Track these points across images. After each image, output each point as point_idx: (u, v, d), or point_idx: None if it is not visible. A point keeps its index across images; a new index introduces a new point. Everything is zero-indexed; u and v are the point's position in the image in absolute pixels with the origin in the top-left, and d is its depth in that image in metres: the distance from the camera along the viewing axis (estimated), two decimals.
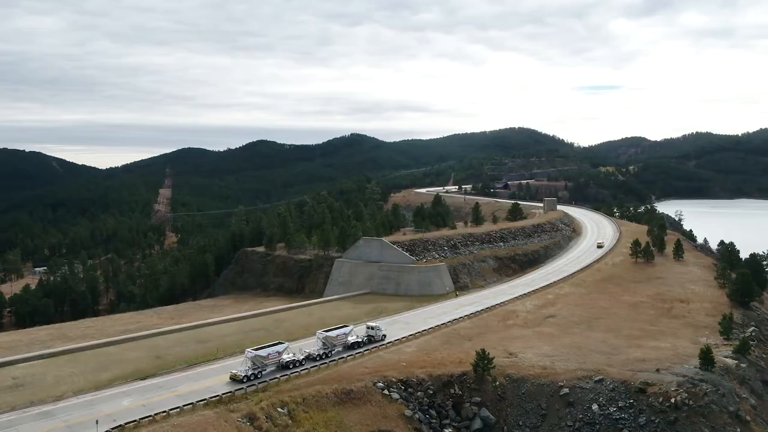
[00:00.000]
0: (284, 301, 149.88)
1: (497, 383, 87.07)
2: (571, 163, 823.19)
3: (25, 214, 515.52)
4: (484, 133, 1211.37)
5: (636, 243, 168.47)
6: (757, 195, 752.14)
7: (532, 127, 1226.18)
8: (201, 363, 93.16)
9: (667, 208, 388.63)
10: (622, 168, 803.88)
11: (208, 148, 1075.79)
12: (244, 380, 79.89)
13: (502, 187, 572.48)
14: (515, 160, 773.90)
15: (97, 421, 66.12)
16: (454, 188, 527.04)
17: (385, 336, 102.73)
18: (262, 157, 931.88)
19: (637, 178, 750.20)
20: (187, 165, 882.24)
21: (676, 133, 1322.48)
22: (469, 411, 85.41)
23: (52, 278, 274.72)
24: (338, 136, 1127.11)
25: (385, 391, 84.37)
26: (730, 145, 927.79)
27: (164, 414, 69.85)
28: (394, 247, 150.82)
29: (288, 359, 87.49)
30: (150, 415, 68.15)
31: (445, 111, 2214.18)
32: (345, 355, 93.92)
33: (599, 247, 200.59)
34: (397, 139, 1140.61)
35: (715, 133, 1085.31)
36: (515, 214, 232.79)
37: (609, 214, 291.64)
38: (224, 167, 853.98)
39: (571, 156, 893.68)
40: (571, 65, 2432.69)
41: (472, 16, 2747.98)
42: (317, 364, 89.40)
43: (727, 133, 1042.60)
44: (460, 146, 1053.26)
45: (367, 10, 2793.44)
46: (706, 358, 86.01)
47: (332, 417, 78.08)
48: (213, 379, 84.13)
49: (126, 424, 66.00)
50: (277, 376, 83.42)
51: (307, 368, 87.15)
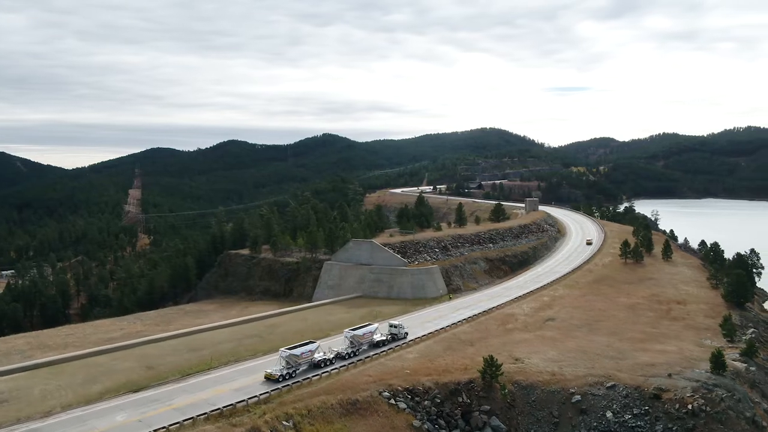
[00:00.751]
0: (271, 306, 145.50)
1: (506, 390, 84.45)
2: (542, 163, 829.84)
3: None
4: (455, 134, 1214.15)
5: (625, 244, 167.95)
6: (723, 195, 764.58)
7: (503, 128, 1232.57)
8: (196, 373, 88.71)
9: (640, 208, 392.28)
10: (593, 168, 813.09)
11: (177, 148, 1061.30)
12: (280, 379, 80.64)
13: (476, 188, 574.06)
14: (488, 161, 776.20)
15: None
16: (429, 188, 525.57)
17: (407, 334, 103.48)
18: (233, 157, 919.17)
19: (608, 179, 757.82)
20: (157, 165, 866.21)
21: (643, 134, 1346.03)
22: (479, 420, 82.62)
23: (20, 282, 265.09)
24: (310, 137, 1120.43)
25: (392, 401, 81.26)
26: (696, 146, 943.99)
27: (163, 430, 65.70)
28: (386, 249, 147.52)
29: (320, 358, 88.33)
30: None
31: (416, 111, 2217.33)
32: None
33: (588, 243, 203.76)
34: (369, 140, 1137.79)
35: (681, 134, 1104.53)
36: (498, 214, 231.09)
37: (588, 214, 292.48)
38: (194, 167, 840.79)
39: (543, 156, 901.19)
40: (540, 66, 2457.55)
41: (443, 17, 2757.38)
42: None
43: (693, 134, 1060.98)
44: (432, 146, 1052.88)
45: (338, 10, 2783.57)
46: (718, 362, 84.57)
47: (339, 429, 74.73)
48: (210, 391, 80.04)
49: None
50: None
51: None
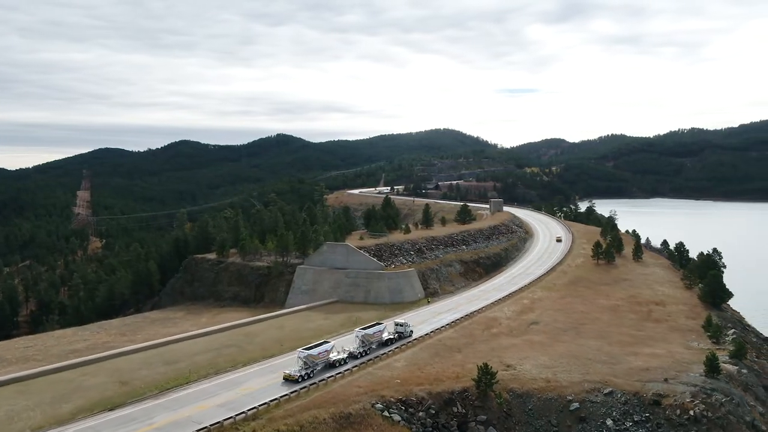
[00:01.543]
0: (242, 312, 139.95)
1: (502, 399, 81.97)
2: (497, 164, 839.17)
3: None
4: (410, 134, 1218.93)
5: (598, 245, 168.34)
6: (671, 194, 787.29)
7: (457, 129, 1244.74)
8: (174, 388, 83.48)
9: (598, 208, 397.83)
10: (546, 169, 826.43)
11: (127, 149, 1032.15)
12: (299, 380, 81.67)
13: (433, 188, 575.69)
14: (444, 161, 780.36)
15: None
16: (386, 189, 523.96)
17: (412, 332, 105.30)
18: (186, 158, 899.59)
19: (560, 179, 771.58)
20: (106, 166, 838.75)
21: (592, 135, 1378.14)
22: (476, 431, 79.92)
23: None
24: (264, 137, 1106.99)
25: (385, 413, 77.91)
26: (644, 147, 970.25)
27: None
28: (361, 252, 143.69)
29: (334, 358, 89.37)
30: None
31: (370, 112, 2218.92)
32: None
33: (558, 241, 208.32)
34: (323, 140, 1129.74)
35: (628, 135, 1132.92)
36: (464, 216, 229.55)
37: (551, 214, 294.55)
38: (146, 168, 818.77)
39: (497, 157, 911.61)
40: (491, 68, 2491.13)
41: (396, 18, 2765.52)
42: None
43: (640, 136, 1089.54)
44: (387, 147, 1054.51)
45: (290, 10, 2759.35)
46: (712, 365, 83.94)
47: None
48: (193, 407, 75.29)
49: None
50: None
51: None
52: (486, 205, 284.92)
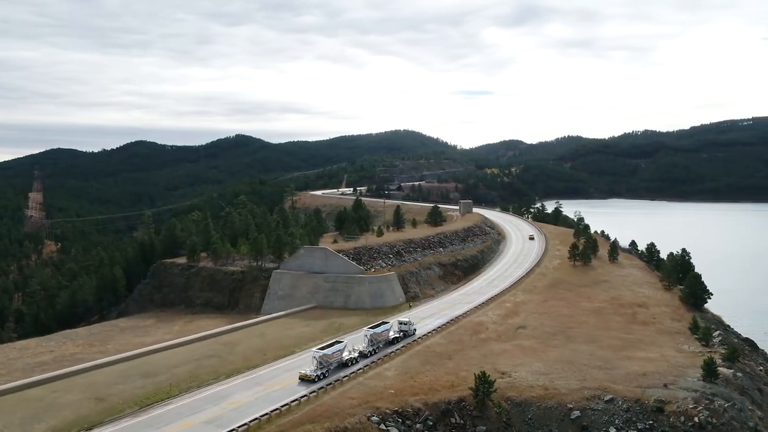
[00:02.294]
0: (216, 319, 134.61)
1: (501, 409, 79.37)
2: (457, 165, 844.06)
3: None
4: (370, 135, 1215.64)
5: (574, 246, 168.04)
6: (627, 195, 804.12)
7: (417, 130, 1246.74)
8: (155, 403, 78.39)
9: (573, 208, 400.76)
10: (505, 170, 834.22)
11: (80, 149, 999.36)
12: (316, 380, 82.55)
13: (396, 189, 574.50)
14: (405, 162, 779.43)
15: None
16: (349, 190, 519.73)
17: (415, 330, 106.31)
18: (142, 159, 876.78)
19: (520, 179, 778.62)
20: (58, 167, 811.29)
21: (549, 137, 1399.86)
22: None
23: None
24: (222, 137, 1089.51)
25: (382, 426, 74.63)
26: (600, 148, 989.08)
27: None
28: (340, 256, 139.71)
29: (347, 357, 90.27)
30: None
31: (328, 113, 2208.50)
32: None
33: (531, 239, 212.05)
34: (282, 141, 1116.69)
35: (584, 136, 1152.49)
36: (435, 217, 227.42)
37: (519, 215, 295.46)
38: (100, 169, 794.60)
39: (457, 158, 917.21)
40: (448, 71, 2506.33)
41: (354, 20, 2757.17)
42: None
43: (596, 137, 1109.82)
44: (347, 148, 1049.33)
45: (248, 10, 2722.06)
46: (710, 369, 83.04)
47: None
48: (177, 425, 70.89)
49: None
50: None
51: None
52: (455, 207, 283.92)
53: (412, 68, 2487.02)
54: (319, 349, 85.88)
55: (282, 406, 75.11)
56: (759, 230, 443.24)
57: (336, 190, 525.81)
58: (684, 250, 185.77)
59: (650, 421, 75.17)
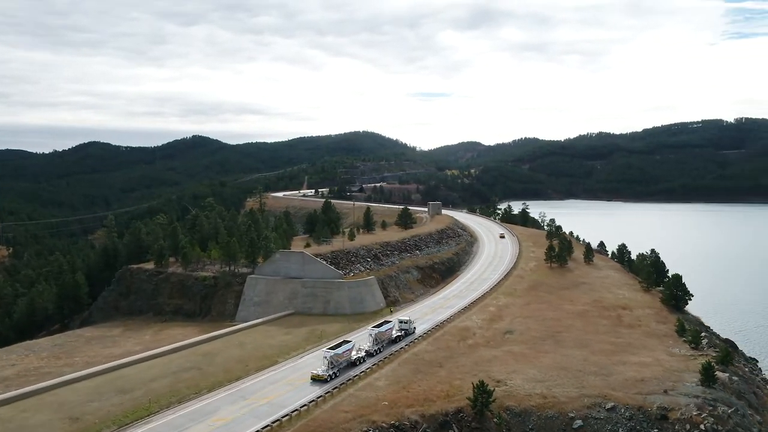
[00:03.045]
0: (188, 327, 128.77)
1: (500, 419, 76.61)
2: (418, 166, 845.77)
3: None
4: (329, 137, 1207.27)
5: (551, 248, 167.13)
6: (584, 196, 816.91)
7: (376, 131, 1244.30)
8: (134, 422, 73.44)
9: (518, 209, 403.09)
10: (465, 171, 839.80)
11: (29, 150, 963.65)
12: (329, 379, 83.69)
13: (358, 191, 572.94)
14: (366, 164, 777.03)
15: None
16: (311, 192, 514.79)
17: (415, 329, 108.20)
18: (96, 160, 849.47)
19: (479, 181, 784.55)
20: (6, 168, 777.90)
21: (507, 138, 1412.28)
22: None
23: None
24: (178, 138, 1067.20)
25: None
26: (557, 150, 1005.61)
27: None
28: (318, 260, 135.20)
29: (355, 356, 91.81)
30: None
31: (286, 114, 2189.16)
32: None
33: (501, 237, 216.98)
34: (239, 142, 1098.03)
35: (541, 138, 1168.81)
36: (406, 219, 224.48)
37: (487, 216, 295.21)
38: (52, 171, 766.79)
39: (417, 159, 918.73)
40: (405, 72, 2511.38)
41: (311, 21, 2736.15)
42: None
43: (552, 139, 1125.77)
44: (306, 149, 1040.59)
45: (203, 10, 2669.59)
46: (708, 374, 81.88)
47: None
48: None
49: None
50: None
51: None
52: (423, 208, 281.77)
53: (369, 70, 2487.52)
54: (330, 349, 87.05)
55: (273, 422, 71.31)
56: (711, 230, 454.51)
57: (297, 192, 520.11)
58: (653, 251, 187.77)
59: (655, 430, 73.28)
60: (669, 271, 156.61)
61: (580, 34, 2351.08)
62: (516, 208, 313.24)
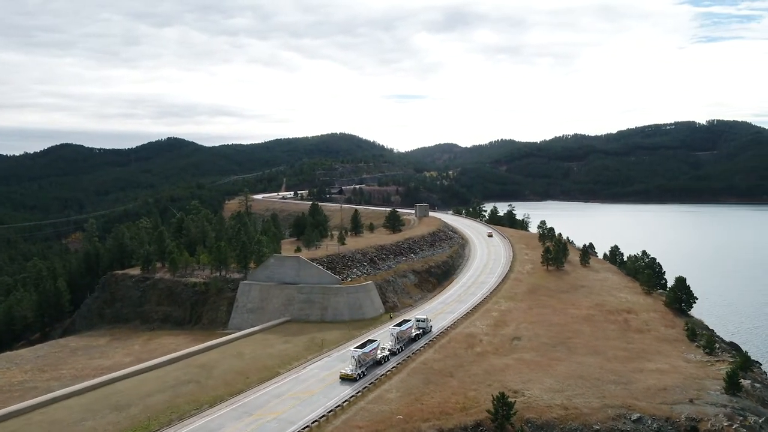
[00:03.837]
0: (179, 336, 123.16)
1: None
2: (396, 168, 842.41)
3: None
4: (306, 138, 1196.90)
5: (547, 250, 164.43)
6: (561, 197, 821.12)
7: (353, 133, 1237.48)
8: None
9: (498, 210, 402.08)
10: (443, 173, 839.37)
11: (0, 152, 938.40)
12: (358, 378, 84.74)
13: (337, 193, 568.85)
14: (345, 165, 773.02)
15: None
16: (290, 194, 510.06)
17: (432, 327, 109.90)
18: (68, 162, 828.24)
19: (458, 182, 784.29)
20: None
21: (483, 140, 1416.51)
22: None
23: None
24: (153, 140, 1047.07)
25: None
26: (534, 152, 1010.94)
27: None
28: (315, 265, 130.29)
29: (380, 356, 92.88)
30: None
31: (261, 116, 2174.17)
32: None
33: (489, 236, 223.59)
34: (214, 144, 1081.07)
35: (517, 140, 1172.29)
36: (395, 222, 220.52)
37: (473, 218, 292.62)
38: (23, 173, 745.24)
39: (396, 161, 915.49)
40: (381, 74, 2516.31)
41: (286, 23, 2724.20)
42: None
43: (529, 141, 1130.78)
44: (283, 151, 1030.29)
45: (177, 11, 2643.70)
46: (733, 381, 79.23)
47: None
48: None
49: None
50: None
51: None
52: (409, 210, 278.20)
53: (345, 72, 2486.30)
54: (358, 348, 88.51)
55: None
56: (690, 231, 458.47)
57: (276, 194, 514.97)
58: (645, 252, 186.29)
59: None
60: (665, 273, 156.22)
61: (553, 37, 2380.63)
62: (501, 209, 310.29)
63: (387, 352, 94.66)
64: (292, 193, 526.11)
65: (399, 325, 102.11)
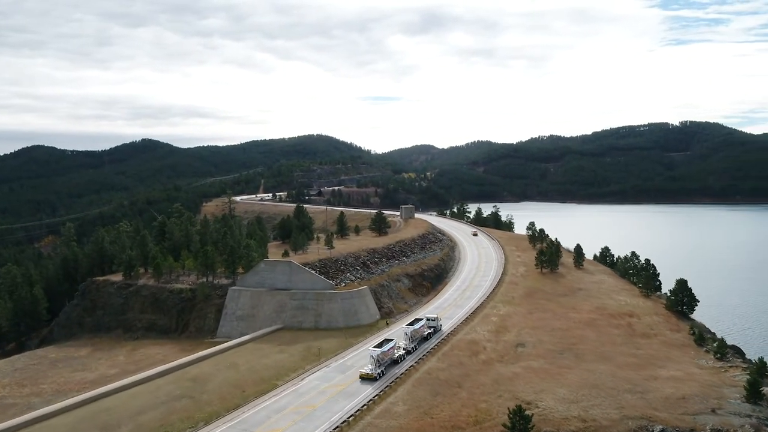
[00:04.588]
0: (165, 345, 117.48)
1: None
2: (374, 169, 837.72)
3: None
4: (283, 140, 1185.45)
5: (541, 252, 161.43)
6: (538, 198, 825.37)
7: (330, 134, 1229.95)
8: None
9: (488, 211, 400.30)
10: (422, 174, 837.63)
11: None
12: (377, 377, 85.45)
13: (316, 194, 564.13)
14: (323, 167, 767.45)
15: None
16: (268, 196, 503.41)
17: (441, 325, 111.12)
18: (40, 165, 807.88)
19: (436, 184, 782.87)
20: None
21: (460, 141, 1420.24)
22: None
23: None
24: (127, 142, 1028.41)
25: None
26: (511, 153, 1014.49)
27: None
28: (307, 270, 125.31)
29: (397, 355, 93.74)
30: None
31: (236, 118, 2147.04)
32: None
33: (474, 234, 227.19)
34: (190, 146, 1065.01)
35: (494, 141, 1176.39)
36: (381, 224, 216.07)
37: (459, 219, 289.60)
38: None
39: (374, 163, 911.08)
40: (356, 76, 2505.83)
41: (260, 24, 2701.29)
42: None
43: (505, 142, 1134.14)
44: (260, 153, 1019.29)
45: (150, 12, 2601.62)
46: (754, 390, 76.43)
47: None
48: None
49: None
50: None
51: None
52: (394, 212, 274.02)
53: (320, 73, 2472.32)
54: (376, 347, 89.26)
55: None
56: (669, 230, 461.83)
57: (255, 196, 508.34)
58: (634, 253, 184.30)
59: None
60: (660, 275, 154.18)
61: (527, 40, 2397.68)
62: (486, 210, 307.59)
63: (402, 351, 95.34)
64: (271, 195, 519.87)
65: (412, 324, 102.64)
